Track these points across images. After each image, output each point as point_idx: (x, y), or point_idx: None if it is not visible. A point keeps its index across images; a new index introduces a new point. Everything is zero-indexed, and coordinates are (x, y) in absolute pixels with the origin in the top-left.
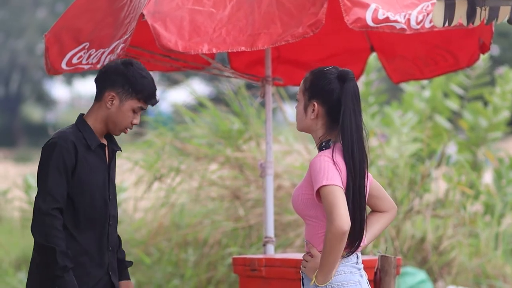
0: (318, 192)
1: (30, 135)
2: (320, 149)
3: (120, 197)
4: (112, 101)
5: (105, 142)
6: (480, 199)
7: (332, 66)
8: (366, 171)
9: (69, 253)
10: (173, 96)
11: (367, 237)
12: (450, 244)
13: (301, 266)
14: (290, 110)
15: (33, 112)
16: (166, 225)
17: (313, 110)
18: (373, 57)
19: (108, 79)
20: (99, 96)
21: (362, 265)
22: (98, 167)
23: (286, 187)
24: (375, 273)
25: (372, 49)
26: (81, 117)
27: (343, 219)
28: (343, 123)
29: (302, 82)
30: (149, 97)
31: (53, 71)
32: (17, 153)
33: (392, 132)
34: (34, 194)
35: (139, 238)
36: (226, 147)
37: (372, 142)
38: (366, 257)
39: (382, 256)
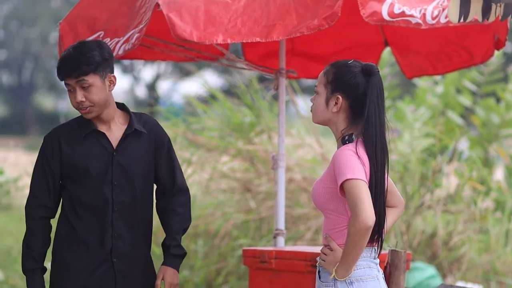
0: (342, 186)
1: (41, 124)
2: (343, 142)
3: None
4: None
5: (107, 129)
6: (491, 196)
7: (353, 59)
8: (387, 166)
9: (34, 254)
10: (185, 88)
11: None
12: (460, 240)
13: (318, 259)
14: (302, 103)
15: (45, 101)
16: None
17: (336, 103)
18: (386, 52)
19: None
20: None
21: (378, 260)
22: (96, 154)
23: (297, 180)
24: (385, 267)
25: (386, 44)
26: None
27: (368, 214)
28: (368, 118)
29: (322, 74)
30: (58, 72)
31: None
32: (29, 141)
33: (404, 127)
34: None
35: None
36: (237, 139)
37: None
38: None
39: (392, 250)
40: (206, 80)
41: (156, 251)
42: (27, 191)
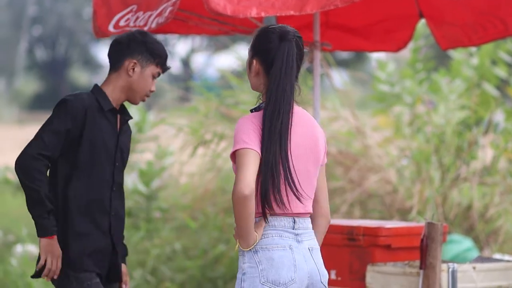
0: (234, 155)
1: None
2: (251, 111)
3: (165, 162)
4: (134, 68)
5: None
6: None
7: (282, 25)
8: (288, 136)
9: (48, 199)
10: (220, 62)
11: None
12: (496, 212)
13: None
14: (337, 76)
15: (80, 76)
16: (211, 190)
17: (255, 67)
18: (421, 24)
19: (127, 48)
20: (117, 66)
21: (308, 231)
22: (108, 131)
23: (332, 154)
24: (422, 239)
25: (421, 15)
26: (96, 85)
27: (244, 182)
28: (269, 85)
29: None
30: (165, 62)
31: (100, 33)
32: None
33: (439, 99)
34: None
35: (185, 203)
36: None
37: (419, 109)
38: (413, 224)
39: (429, 223)
40: (240, 54)
41: (192, 225)
42: None
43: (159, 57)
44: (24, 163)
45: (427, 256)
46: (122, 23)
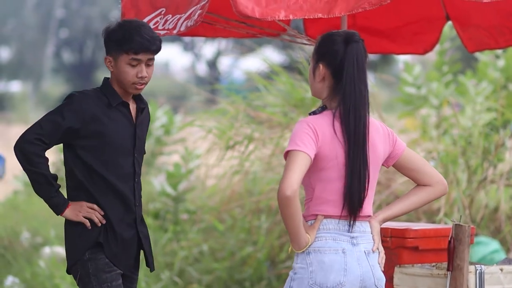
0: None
1: None
2: (309, 114)
3: (193, 164)
4: (110, 63)
5: (130, 101)
6: None
7: (344, 29)
8: (367, 139)
9: (56, 176)
10: (246, 64)
11: (398, 206)
12: None
13: None
14: None
15: None
16: (239, 192)
17: (319, 72)
18: (448, 26)
19: (105, 47)
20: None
21: (365, 235)
22: (123, 124)
23: None
24: (449, 241)
25: (448, 18)
26: (106, 79)
27: (287, 183)
28: (344, 88)
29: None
30: (134, 45)
31: None
32: None
33: (466, 101)
34: None
35: (212, 205)
36: (299, 115)
37: (446, 111)
38: (440, 226)
39: (456, 224)
40: (267, 57)
41: (220, 227)
42: None
43: (125, 44)
44: (22, 148)
45: (454, 258)
46: (151, 26)
